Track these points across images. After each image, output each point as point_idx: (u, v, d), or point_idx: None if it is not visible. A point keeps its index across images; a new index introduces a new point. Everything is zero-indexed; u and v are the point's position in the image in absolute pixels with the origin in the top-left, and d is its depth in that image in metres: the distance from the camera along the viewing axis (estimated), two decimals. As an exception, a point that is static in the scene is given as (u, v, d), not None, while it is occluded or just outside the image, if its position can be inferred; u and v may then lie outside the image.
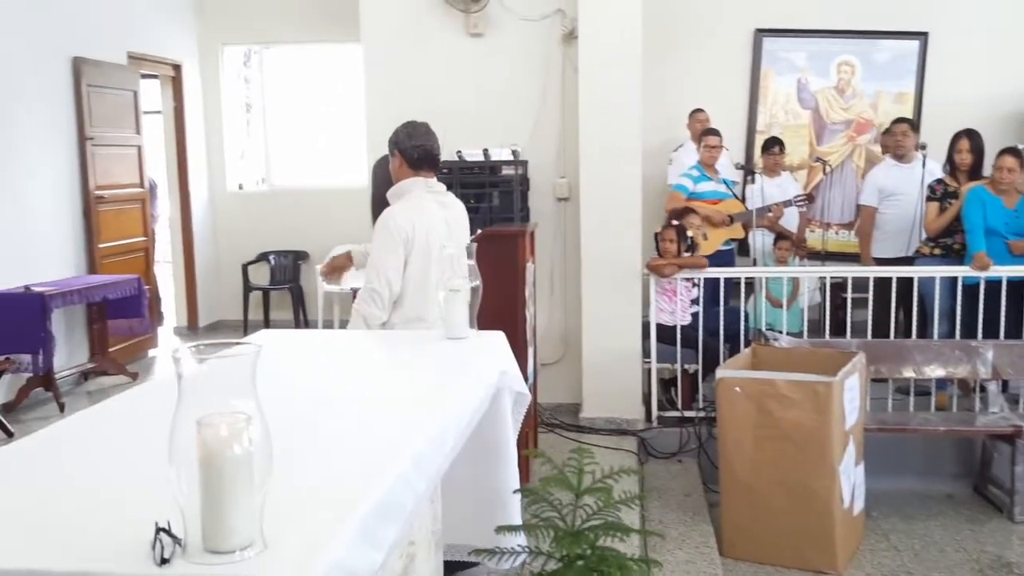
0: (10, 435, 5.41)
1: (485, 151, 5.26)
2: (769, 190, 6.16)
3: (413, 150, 3.39)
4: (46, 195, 6.38)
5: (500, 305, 3.89)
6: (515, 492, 2.79)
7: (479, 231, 4.08)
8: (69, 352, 6.48)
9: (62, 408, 5.91)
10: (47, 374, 5.87)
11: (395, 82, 5.58)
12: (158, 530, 1.30)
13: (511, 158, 5.28)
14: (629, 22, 5.14)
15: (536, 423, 4.79)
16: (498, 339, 2.82)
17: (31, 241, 6.20)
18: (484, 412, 2.59)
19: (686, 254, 5.25)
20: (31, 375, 5.85)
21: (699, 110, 6.63)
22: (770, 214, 6.05)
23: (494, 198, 5.15)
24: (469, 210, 5.04)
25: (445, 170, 5.19)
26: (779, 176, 6.49)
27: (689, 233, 5.27)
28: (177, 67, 8.15)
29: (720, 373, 4.07)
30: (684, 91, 6.95)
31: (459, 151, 5.33)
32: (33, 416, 5.86)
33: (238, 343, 1.36)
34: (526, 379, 4.06)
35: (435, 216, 3.34)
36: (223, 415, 1.28)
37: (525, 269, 4.06)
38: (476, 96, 5.55)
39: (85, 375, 6.72)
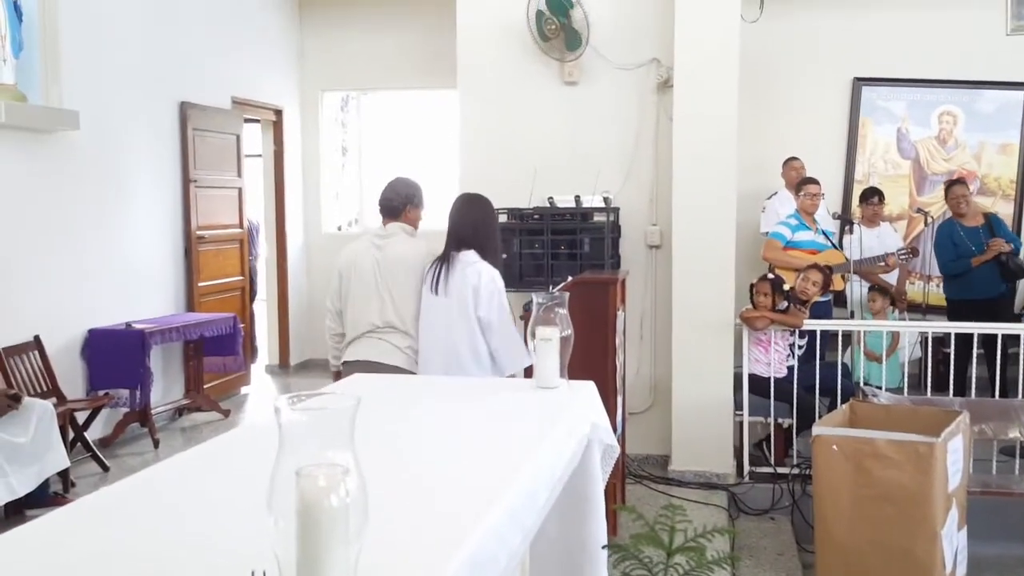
0: (105, 469, 5.56)
1: (577, 198, 5.25)
2: (868, 241, 6.00)
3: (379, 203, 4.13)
4: (150, 234, 6.61)
5: (590, 353, 3.85)
6: (603, 548, 2.73)
7: (568, 278, 4.07)
8: (165, 388, 6.66)
9: (156, 444, 6.06)
10: (144, 409, 6.03)
11: (489, 128, 5.65)
12: (253, 579, 1.30)
13: (603, 205, 5.25)
14: (726, 71, 5.10)
15: (624, 474, 4.71)
16: (589, 389, 2.78)
17: (134, 279, 6.43)
18: (575, 465, 2.54)
19: (783, 304, 5.12)
20: (128, 410, 6.02)
21: (794, 158, 6.51)
22: (882, 264, 5.90)
23: (585, 245, 5.13)
24: (560, 256, 5.12)
25: (536, 216, 5.22)
26: (878, 227, 6.31)
27: (786, 286, 5.15)
28: (278, 112, 8.42)
29: (817, 430, 3.93)
30: (778, 138, 6.86)
31: (551, 197, 5.33)
32: (128, 451, 6.02)
33: (337, 395, 1.36)
34: (615, 429, 4.00)
35: (364, 255, 4.00)
36: (321, 466, 1.28)
37: (616, 317, 4.02)
38: (569, 143, 5.57)
39: (179, 411, 6.88)
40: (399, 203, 4.06)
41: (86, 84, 5.81)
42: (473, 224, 3.82)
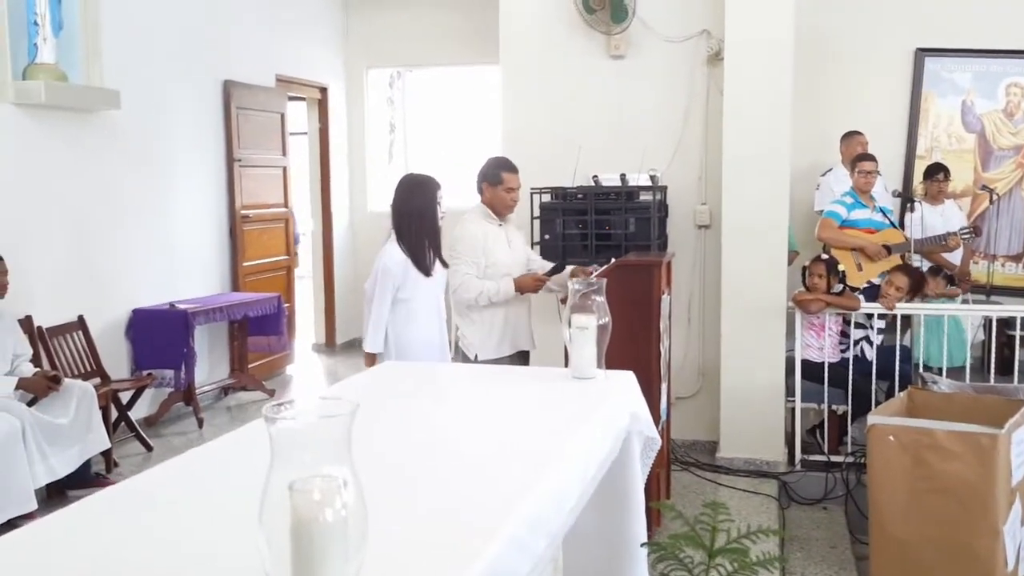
0: (149, 449, 5.58)
1: (622, 176, 5.08)
2: (931, 219, 5.72)
3: None
4: (195, 214, 6.60)
5: (633, 339, 3.71)
6: (642, 546, 2.61)
7: (612, 260, 3.92)
8: (210, 367, 6.67)
9: (200, 423, 6.07)
10: (188, 389, 6.03)
11: (532, 104, 5.49)
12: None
13: (649, 183, 5.07)
14: (779, 42, 4.87)
15: (669, 461, 4.56)
16: (627, 380, 2.64)
17: (179, 258, 6.42)
18: (613, 459, 2.42)
19: (837, 287, 4.90)
20: (173, 390, 6.03)
21: (857, 132, 6.23)
22: (944, 244, 5.62)
23: (630, 225, 4.95)
24: (604, 237, 4.96)
25: (579, 195, 5.06)
26: (942, 204, 6.03)
27: (841, 267, 4.93)
28: (323, 90, 8.35)
29: (872, 419, 3.75)
30: (835, 112, 6.57)
31: (595, 175, 5.17)
32: (173, 431, 6.03)
33: (335, 400, 1.25)
34: (658, 417, 3.86)
35: None
36: (316, 479, 1.17)
37: (660, 301, 3.86)
38: (615, 119, 5.39)
39: (225, 390, 6.90)
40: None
41: (128, 63, 5.78)
42: (397, 207, 3.99)
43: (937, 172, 6.02)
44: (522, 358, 4.32)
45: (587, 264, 4.48)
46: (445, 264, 4.08)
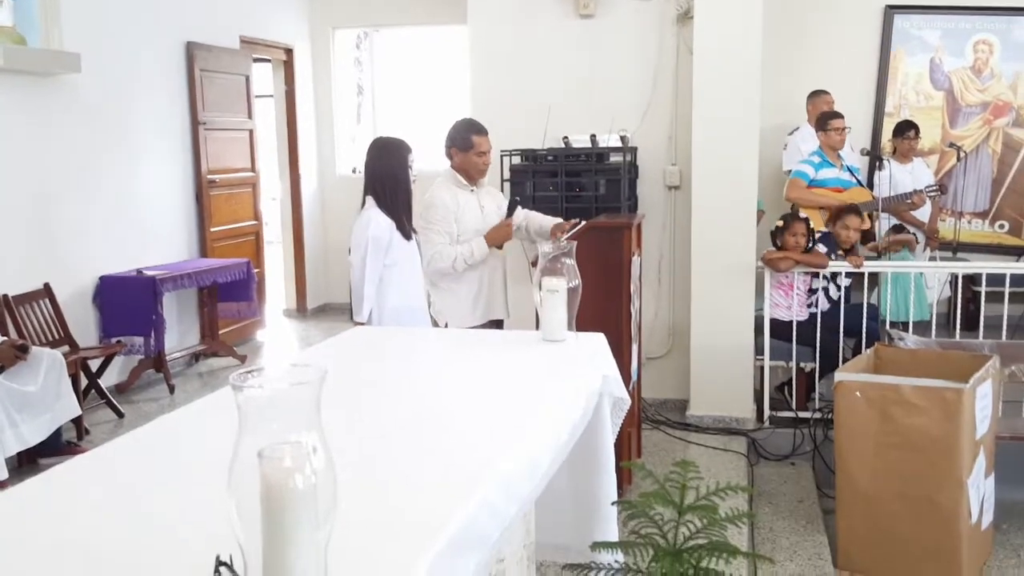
0: (120, 416, 5.54)
1: (592, 137, 5.07)
2: (900, 177, 5.76)
3: None
4: (159, 179, 6.50)
5: (604, 299, 3.73)
6: (613, 504, 2.63)
7: (581, 222, 3.92)
8: (181, 334, 6.62)
9: (172, 390, 6.04)
10: (158, 356, 5.99)
11: (500, 64, 5.44)
12: (218, 564, 1.20)
13: (619, 144, 5.06)
14: (749, 1, 4.85)
15: (639, 420, 4.61)
16: (598, 341, 2.65)
17: (145, 225, 6.34)
18: (586, 423, 2.43)
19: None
20: (143, 357, 5.99)
21: (823, 91, 6.24)
22: (909, 201, 5.67)
23: (601, 186, 4.95)
24: (574, 199, 4.95)
25: (550, 157, 5.04)
26: (911, 162, 6.06)
27: (812, 225, 4.96)
28: (289, 51, 8.22)
29: (839, 376, 3.80)
30: (802, 71, 6.56)
31: (565, 137, 5.16)
32: (144, 397, 6.00)
33: (304, 367, 1.24)
34: (629, 378, 3.89)
35: None
36: (285, 445, 1.16)
37: (630, 263, 3.87)
38: (584, 79, 5.36)
39: (196, 357, 6.86)
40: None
41: (88, 25, 5.66)
42: (370, 171, 3.79)
43: (908, 130, 6.06)
44: (495, 327, 4.21)
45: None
46: (415, 231, 3.98)
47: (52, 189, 5.51)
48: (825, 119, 5.62)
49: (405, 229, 3.80)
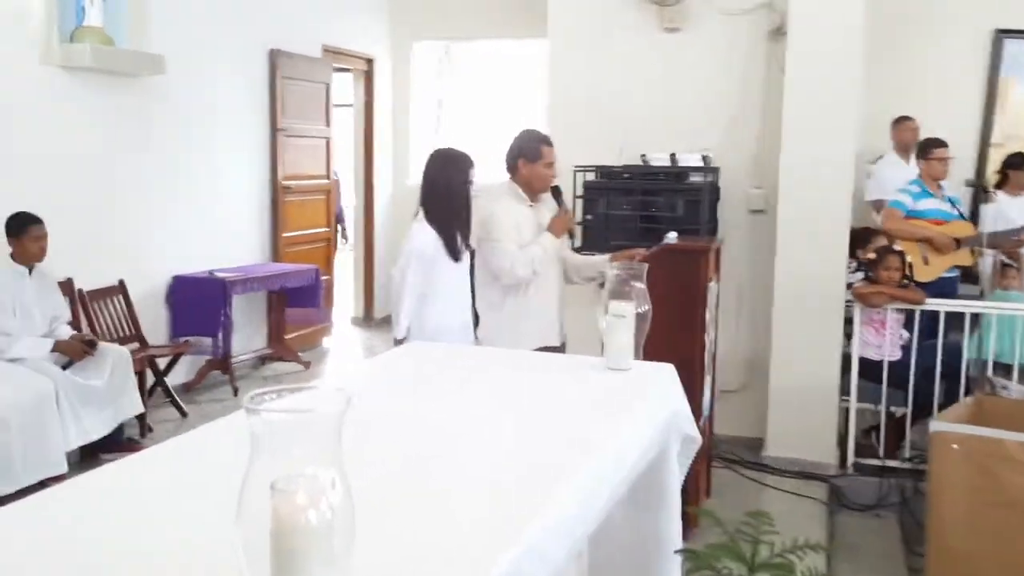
0: (184, 415, 5.53)
1: (672, 156, 4.82)
2: (1010, 211, 5.36)
3: None
4: (237, 183, 6.52)
5: (677, 327, 3.49)
6: (676, 552, 2.40)
7: (654, 247, 3.68)
8: (248, 337, 6.60)
9: (236, 392, 6.01)
10: (225, 357, 5.98)
11: (579, 78, 5.25)
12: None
13: (701, 164, 4.82)
14: (848, 17, 4.57)
15: (710, 458, 4.34)
16: (667, 372, 2.43)
17: (221, 226, 6.36)
18: (650, 460, 2.22)
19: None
20: (210, 357, 5.98)
21: (908, 118, 5.89)
22: (1017, 238, 5.26)
23: (679, 208, 4.68)
24: (650, 219, 4.71)
25: (626, 175, 4.83)
26: (1022, 196, 5.65)
27: (908, 259, 4.63)
28: (370, 61, 8.20)
29: (935, 426, 3.49)
30: (899, 95, 6.19)
31: (643, 154, 4.92)
32: (208, 397, 5.98)
33: (328, 390, 1.08)
34: (700, 412, 3.64)
35: None
36: (300, 478, 1.01)
37: (707, 289, 3.63)
38: (667, 96, 5.13)
39: (262, 360, 6.84)
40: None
41: (175, 28, 5.71)
42: (427, 182, 3.67)
43: (1022, 162, 5.66)
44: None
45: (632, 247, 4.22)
46: (471, 249, 3.79)
47: (133, 188, 5.55)
48: (928, 147, 5.27)
49: (455, 248, 3.61)
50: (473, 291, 3.85)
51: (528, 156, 3.77)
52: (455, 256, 3.62)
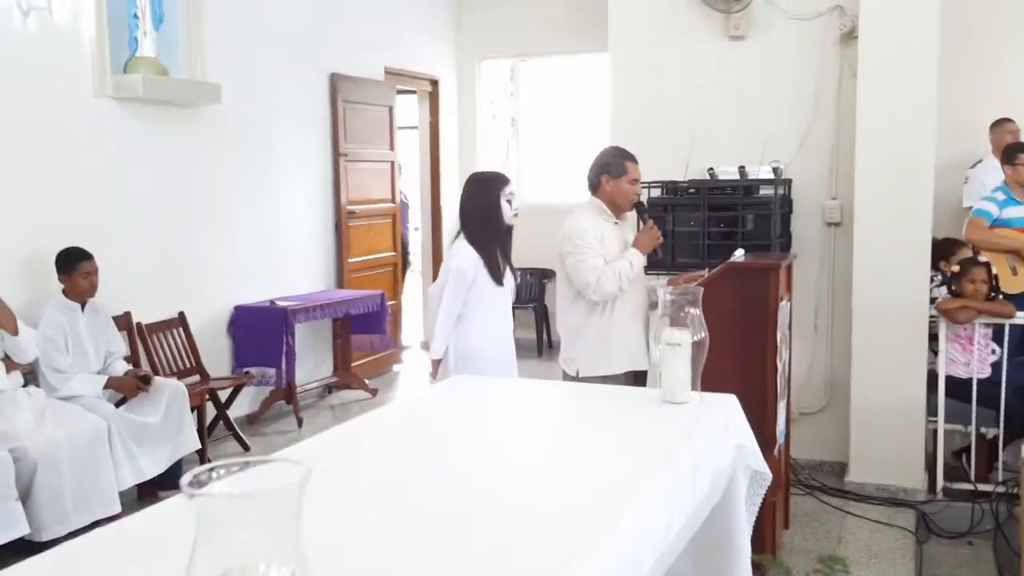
0: (247, 448, 5.46)
1: (741, 168, 4.61)
2: None
3: None
4: (299, 210, 6.49)
5: (745, 350, 3.29)
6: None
7: (719, 266, 3.48)
8: (314, 365, 6.55)
9: (300, 423, 5.94)
10: (289, 387, 5.91)
11: (642, 91, 5.08)
12: None
13: (771, 176, 4.59)
14: (923, 17, 4.33)
15: (787, 485, 4.10)
16: (730, 404, 2.24)
17: (283, 255, 6.32)
18: (715, 502, 2.04)
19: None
20: (274, 388, 5.92)
21: (1008, 120, 5.57)
22: None
23: (748, 222, 4.46)
24: (718, 236, 4.50)
25: (692, 189, 4.63)
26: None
27: (995, 270, 4.34)
28: (434, 82, 8.15)
29: (1031, 450, 3.21)
30: (986, 97, 5.88)
31: (710, 168, 4.72)
32: (273, 429, 5.93)
33: (281, 461, 0.93)
34: (774, 440, 3.42)
35: None
36: (255, 569, 0.86)
37: (778, 309, 3.41)
38: (734, 106, 4.93)
39: (329, 389, 6.77)
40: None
41: (231, 56, 5.69)
42: (461, 206, 3.75)
43: None
44: (637, 379, 3.70)
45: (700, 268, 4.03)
46: (515, 273, 3.76)
47: (191, 218, 5.53)
48: (1013, 152, 4.95)
49: (497, 270, 3.56)
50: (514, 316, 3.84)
51: (612, 172, 3.70)
52: (497, 279, 3.59)
